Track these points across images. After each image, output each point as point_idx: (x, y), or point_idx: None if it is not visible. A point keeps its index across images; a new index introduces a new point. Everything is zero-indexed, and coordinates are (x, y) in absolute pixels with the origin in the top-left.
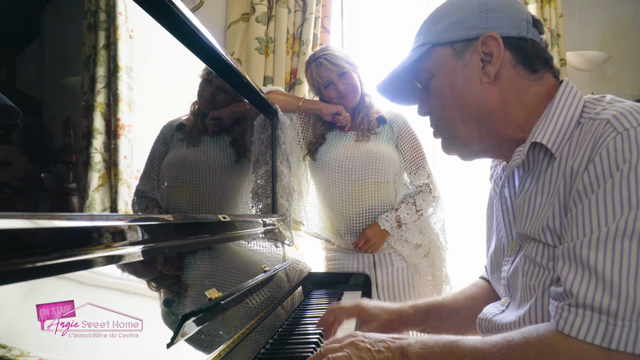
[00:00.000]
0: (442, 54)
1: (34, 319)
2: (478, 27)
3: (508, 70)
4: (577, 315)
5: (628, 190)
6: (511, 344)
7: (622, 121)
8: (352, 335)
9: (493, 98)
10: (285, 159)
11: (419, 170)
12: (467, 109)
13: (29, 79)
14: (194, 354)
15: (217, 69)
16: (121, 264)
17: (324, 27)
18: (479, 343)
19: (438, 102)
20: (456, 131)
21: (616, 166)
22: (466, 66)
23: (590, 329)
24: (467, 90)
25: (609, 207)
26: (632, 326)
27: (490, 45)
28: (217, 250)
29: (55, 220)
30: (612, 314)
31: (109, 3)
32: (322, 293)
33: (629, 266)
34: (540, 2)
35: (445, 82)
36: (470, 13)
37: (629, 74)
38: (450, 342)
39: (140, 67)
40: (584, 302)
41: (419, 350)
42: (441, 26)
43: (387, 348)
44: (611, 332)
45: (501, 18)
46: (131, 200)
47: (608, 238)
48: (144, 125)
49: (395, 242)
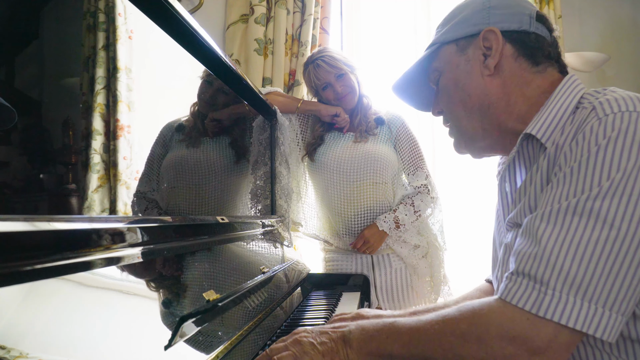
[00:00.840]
0: (448, 51)
1: (34, 320)
2: (480, 23)
3: (510, 63)
4: (516, 283)
5: (592, 171)
6: (445, 318)
7: (605, 107)
8: (295, 333)
9: (495, 89)
10: (284, 160)
11: (417, 171)
12: (469, 101)
13: (28, 80)
14: (193, 355)
15: (215, 71)
16: (120, 265)
17: (322, 29)
18: (414, 322)
19: (445, 97)
20: (461, 125)
21: (587, 148)
22: (469, 61)
23: (524, 295)
24: (469, 82)
25: (572, 185)
26: (562, 297)
27: (490, 39)
28: (216, 252)
29: (54, 222)
30: (545, 282)
31: (108, 4)
32: (321, 294)
33: (570, 241)
34: (539, 3)
35: (450, 77)
36: (474, 11)
37: (628, 75)
38: (388, 323)
39: (139, 68)
40: (523, 269)
41: (358, 335)
42: (448, 26)
43: (329, 339)
44: (541, 299)
45: (503, 14)
46: (130, 201)
47: (559, 213)
48: (143, 126)
49: (394, 243)
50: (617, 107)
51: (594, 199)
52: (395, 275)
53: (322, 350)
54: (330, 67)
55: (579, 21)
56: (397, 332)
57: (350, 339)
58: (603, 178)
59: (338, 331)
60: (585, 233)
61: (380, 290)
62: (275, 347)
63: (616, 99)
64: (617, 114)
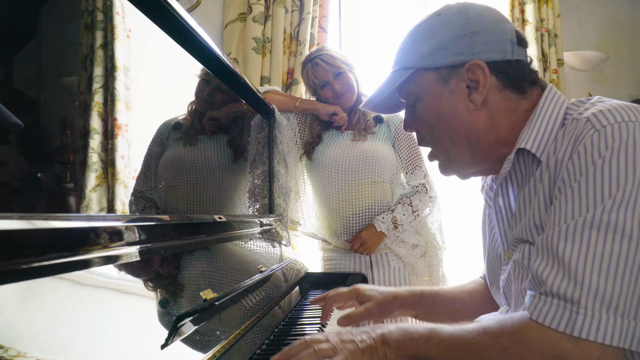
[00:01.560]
0: (427, 79)
1: (31, 319)
2: (463, 53)
3: (495, 95)
4: (546, 303)
5: (602, 183)
6: (487, 331)
7: (600, 118)
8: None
9: (481, 123)
10: (282, 159)
11: (415, 170)
12: (456, 136)
13: (26, 79)
14: (189, 354)
15: (213, 70)
16: (118, 264)
17: (321, 27)
18: (457, 330)
19: (427, 128)
20: (450, 157)
21: (592, 161)
22: (452, 93)
23: (556, 316)
24: (454, 117)
25: (583, 200)
26: (595, 315)
27: (476, 72)
28: (214, 251)
29: (52, 220)
30: (576, 302)
31: (106, 3)
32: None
33: (594, 257)
34: (538, 2)
35: (431, 108)
36: (455, 37)
37: (627, 74)
38: (429, 329)
39: (137, 66)
40: (551, 290)
41: (398, 337)
42: (425, 49)
43: (369, 337)
44: (574, 319)
45: (486, 42)
46: (128, 200)
47: (576, 229)
48: (141, 125)
49: (392, 242)
50: (613, 118)
51: (609, 212)
52: (393, 275)
53: (361, 347)
54: (328, 65)
55: (578, 20)
56: (437, 338)
57: (390, 339)
58: (613, 190)
59: (377, 331)
60: (606, 247)
61: None
62: (316, 338)
63: (609, 110)
64: (614, 125)
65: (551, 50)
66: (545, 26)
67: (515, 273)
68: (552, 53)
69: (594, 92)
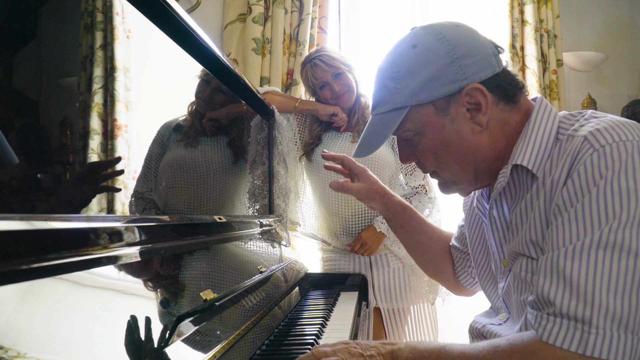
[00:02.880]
0: (424, 113)
1: (31, 319)
2: (457, 80)
3: (492, 111)
4: (555, 324)
5: (605, 204)
6: (497, 349)
7: (599, 138)
8: (343, 343)
9: (484, 143)
10: (281, 160)
11: (415, 172)
12: (464, 160)
13: (26, 80)
14: (190, 354)
15: (213, 70)
16: (118, 264)
17: (320, 28)
18: (467, 348)
19: (431, 157)
20: (457, 178)
21: (593, 181)
22: (454, 120)
23: (567, 336)
24: (461, 142)
25: (587, 220)
26: (606, 334)
27: (476, 95)
28: (214, 251)
29: (52, 221)
30: (587, 322)
31: (106, 3)
32: (319, 294)
33: (602, 276)
34: (537, 3)
35: (435, 139)
36: (442, 66)
37: (626, 74)
38: (439, 346)
39: (137, 67)
40: (561, 310)
41: (408, 355)
42: (414, 85)
43: (378, 353)
44: (586, 339)
45: (474, 63)
46: (128, 201)
47: (583, 249)
48: (141, 126)
49: (392, 243)
50: (611, 137)
51: (616, 232)
52: (393, 275)
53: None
54: (327, 66)
55: (577, 21)
56: (448, 356)
57: (399, 356)
58: (616, 210)
59: (387, 347)
60: (613, 265)
61: (378, 290)
62: (323, 350)
63: (606, 129)
64: (612, 145)
65: (550, 51)
66: (544, 27)
67: (514, 285)
68: (551, 54)
69: (593, 93)
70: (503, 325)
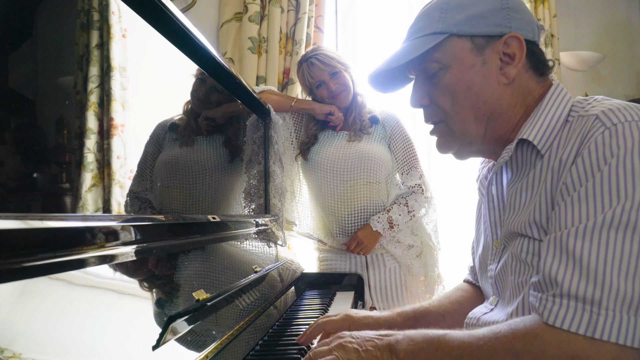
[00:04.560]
0: (460, 46)
1: (27, 319)
2: (501, 25)
3: (522, 73)
4: (562, 306)
5: (617, 183)
6: (498, 335)
7: (611, 116)
8: (339, 337)
9: (506, 99)
10: (277, 159)
11: (411, 171)
12: (482, 107)
13: (22, 79)
14: (182, 354)
15: (209, 70)
16: (113, 264)
17: (317, 27)
18: (466, 336)
19: (448, 98)
20: (467, 129)
21: (604, 160)
22: (485, 63)
23: (575, 318)
24: (485, 88)
25: (598, 199)
26: (616, 316)
27: (512, 45)
28: (209, 251)
29: (47, 220)
30: (596, 303)
31: (102, 2)
32: (315, 293)
33: (613, 256)
34: (534, 2)
35: (460, 77)
36: (492, 8)
37: (623, 74)
38: (438, 336)
39: (133, 66)
40: (568, 291)
41: (406, 347)
42: (460, 17)
43: (374, 347)
44: (595, 321)
45: (521, 20)
46: (124, 200)
47: (595, 229)
48: (137, 125)
49: (388, 243)
50: (623, 117)
51: (629, 212)
52: (389, 275)
53: (366, 357)
54: (324, 65)
55: (574, 20)
56: (447, 346)
57: (398, 349)
58: (628, 189)
59: (384, 340)
60: (625, 246)
61: (374, 290)
62: (319, 350)
63: (618, 109)
64: (624, 124)
65: (548, 51)
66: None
67: (512, 266)
68: (548, 53)
69: (590, 92)
70: (495, 310)
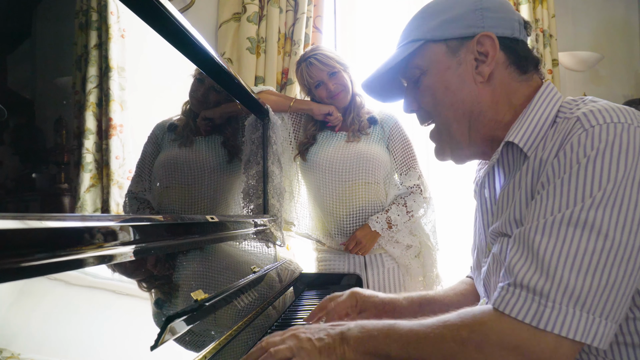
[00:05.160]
0: (435, 50)
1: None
2: (474, 26)
3: (500, 71)
4: (513, 295)
5: (584, 182)
6: (446, 323)
7: (590, 118)
8: (292, 329)
9: (485, 97)
10: (276, 159)
11: (409, 171)
12: (461, 107)
13: (21, 79)
14: (181, 354)
15: (207, 70)
16: (112, 264)
17: (315, 27)
18: (415, 325)
19: (430, 100)
20: (450, 129)
21: (577, 159)
22: (460, 64)
23: (523, 307)
24: (461, 88)
25: (564, 197)
26: (562, 309)
27: (486, 44)
28: (208, 251)
29: (46, 220)
30: (545, 295)
31: (101, 3)
32: (314, 294)
33: (568, 252)
34: (533, 3)
35: (438, 79)
36: (466, 11)
37: (622, 74)
38: (388, 325)
39: (132, 67)
40: (522, 282)
41: (357, 334)
42: (434, 23)
43: (327, 335)
44: (541, 312)
45: (496, 18)
46: (122, 201)
47: (554, 224)
48: (136, 126)
49: (386, 243)
50: (602, 119)
51: (588, 210)
52: (387, 275)
53: (318, 346)
54: (323, 65)
55: (573, 21)
56: (396, 333)
57: (349, 336)
58: (594, 189)
59: (337, 328)
60: (581, 244)
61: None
62: (272, 340)
63: (599, 110)
64: (602, 126)
65: (546, 51)
66: (540, 26)
67: (493, 266)
68: (547, 53)
69: (589, 93)
70: None
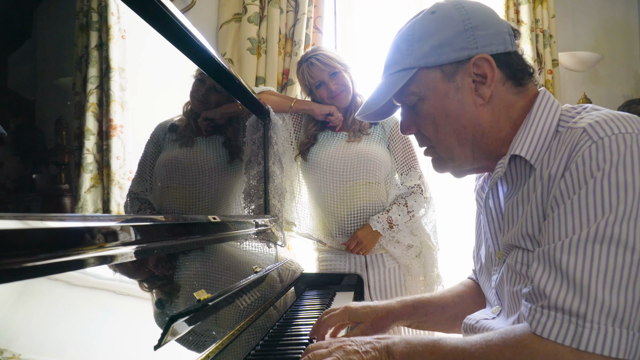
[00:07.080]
0: (430, 77)
1: (26, 320)
2: (467, 48)
3: (498, 88)
4: (549, 317)
5: (602, 196)
6: (490, 344)
7: (597, 130)
8: (339, 341)
9: (486, 118)
10: (277, 160)
11: (410, 171)
12: (463, 132)
13: (21, 79)
14: (184, 354)
15: (208, 70)
16: (113, 264)
17: (316, 28)
18: (460, 342)
19: (430, 126)
20: (453, 154)
21: (590, 173)
22: (458, 89)
23: (561, 330)
24: (462, 114)
25: (583, 213)
26: (601, 328)
27: (483, 66)
28: (209, 251)
29: (47, 221)
30: (582, 316)
31: (101, 3)
32: (315, 294)
33: (598, 270)
34: (533, 3)
35: (437, 106)
36: (456, 32)
37: (621, 74)
38: (433, 341)
39: (132, 67)
40: (556, 304)
41: (403, 349)
42: (425, 49)
43: (373, 348)
44: (580, 333)
45: (487, 35)
46: (123, 201)
47: (580, 242)
48: (137, 126)
49: (387, 243)
50: (610, 130)
51: (613, 225)
52: (388, 275)
53: (366, 358)
54: (324, 65)
55: (572, 21)
56: (441, 351)
57: (394, 351)
58: (613, 203)
59: (382, 342)
60: (610, 260)
61: (373, 290)
62: (318, 352)
63: (605, 121)
64: (611, 137)
65: (546, 51)
66: (540, 27)
67: (508, 276)
68: (546, 53)
69: (588, 93)
70: (496, 319)
